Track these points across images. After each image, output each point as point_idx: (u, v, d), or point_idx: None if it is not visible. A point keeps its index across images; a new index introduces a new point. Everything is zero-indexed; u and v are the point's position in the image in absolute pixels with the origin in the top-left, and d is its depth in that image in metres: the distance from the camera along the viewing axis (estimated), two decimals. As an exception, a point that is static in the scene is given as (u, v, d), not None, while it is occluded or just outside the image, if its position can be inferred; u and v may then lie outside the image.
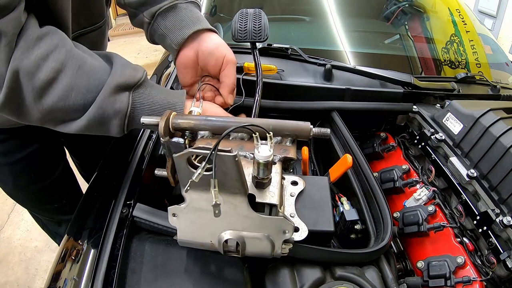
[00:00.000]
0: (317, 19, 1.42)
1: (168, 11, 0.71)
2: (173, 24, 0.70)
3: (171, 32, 0.70)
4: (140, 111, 0.60)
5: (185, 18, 0.70)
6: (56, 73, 0.53)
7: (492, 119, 0.83)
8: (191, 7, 0.73)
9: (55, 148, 1.02)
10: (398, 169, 0.96)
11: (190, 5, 0.73)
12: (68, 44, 0.57)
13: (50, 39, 0.55)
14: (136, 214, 0.63)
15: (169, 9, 0.71)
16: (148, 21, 0.73)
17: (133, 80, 0.59)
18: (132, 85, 0.59)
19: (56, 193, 1.04)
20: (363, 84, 1.05)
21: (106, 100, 0.56)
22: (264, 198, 0.52)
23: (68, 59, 0.55)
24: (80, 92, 0.55)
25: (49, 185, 1.00)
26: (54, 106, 0.55)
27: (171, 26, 0.70)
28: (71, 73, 0.55)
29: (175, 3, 0.71)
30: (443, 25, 1.45)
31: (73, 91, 0.55)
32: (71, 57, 0.55)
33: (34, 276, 1.79)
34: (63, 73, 0.54)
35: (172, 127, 0.59)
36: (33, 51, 0.52)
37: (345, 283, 0.56)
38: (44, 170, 0.98)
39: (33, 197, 1.02)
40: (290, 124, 0.60)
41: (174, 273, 0.58)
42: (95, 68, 0.57)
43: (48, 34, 0.55)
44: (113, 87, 0.56)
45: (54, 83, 0.54)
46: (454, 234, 0.78)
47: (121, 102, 0.57)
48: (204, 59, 0.70)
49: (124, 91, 0.58)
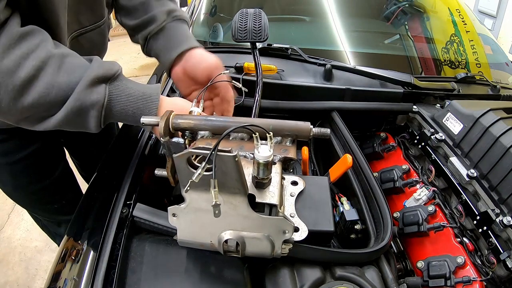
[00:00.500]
0: (317, 19, 1.42)
1: (158, 34, 0.79)
2: (163, 45, 0.78)
3: (162, 53, 0.79)
4: (117, 103, 0.61)
5: (173, 38, 0.78)
6: (37, 71, 0.54)
7: (492, 119, 0.83)
8: (178, 25, 0.80)
9: (54, 149, 1.03)
10: (398, 169, 0.96)
11: (176, 23, 0.80)
12: (50, 43, 0.58)
13: (32, 38, 0.56)
14: (136, 214, 0.63)
15: (158, 32, 0.79)
16: (142, 43, 0.82)
17: (110, 72, 0.61)
18: (108, 77, 0.60)
19: (56, 194, 1.04)
20: (363, 84, 1.05)
21: (83, 92, 0.57)
22: (264, 198, 0.52)
23: (49, 57, 0.56)
24: (61, 89, 0.56)
25: (49, 186, 1.00)
26: (34, 103, 0.55)
27: (161, 47, 0.78)
28: (51, 71, 0.55)
29: (163, 25, 0.79)
30: (443, 25, 1.45)
31: (54, 88, 0.55)
32: (52, 56, 0.56)
33: (34, 276, 1.79)
34: (44, 71, 0.55)
35: (172, 127, 0.59)
36: (14, 50, 0.53)
37: (345, 283, 0.56)
38: (44, 170, 0.98)
39: (32, 198, 1.02)
40: (290, 124, 0.60)
41: (174, 273, 0.58)
42: (75, 65, 0.59)
43: (30, 33, 0.56)
44: (91, 80, 0.57)
45: (35, 81, 0.54)
46: (454, 234, 0.78)
47: (98, 93, 0.58)
48: (191, 74, 0.76)
49: (101, 83, 0.59)
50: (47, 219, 1.14)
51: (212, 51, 1.16)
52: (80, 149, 1.18)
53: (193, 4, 1.55)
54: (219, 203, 0.43)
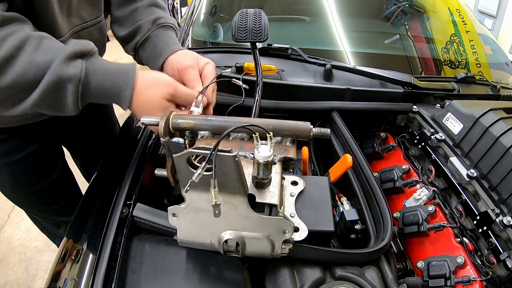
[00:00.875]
0: (317, 19, 1.42)
1: (144, 43, 0.81)
2: (150, 54, 0.81)
3: (150, 62, 0.81)
4: (94, 77, 0.61)
5: (157, 47, 0.79)
6: (16, 50, 0.55)
7: (492, 119, 0.83)
8: (162, 32, 0.81)
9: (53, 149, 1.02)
10: (398, 169, 0.96)
11: (160, 30, 0.81)
12: (29, 27, 0.59)
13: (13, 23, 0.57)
14: (136, 214, 0.63)
15: (144, 42, 0.81)
16: (133, 54, 0.86)
17: (87, 48, 0.62)
18: (85, 53, 0.61)
19: (55, 194, 1.04)
20: (363, 84, 1.05)
21: (61, 66, 0.57)
22: (264, 198, 0.52)
23: (28, 37, 0.57)
24: (39, 68, 0.57)
25: (48, 186, 1.00)
26: (12, 83, 0.56)
27: (149, 56, 0.81)
28: (30, 50, 0.56)
29: (148, 35, 0.80)
30: (443, 25, 1.45)
31: (32, 67, 0.56)
32: (31, 36, 0.57)
33: (34, 276, 1.79)
34: (22, 50, 0.56)
35: (172, 127, 0.59)
36: None
37: (345, 283, 0.56)
38: (43, 170, 0.98)
39: (32, 198, 1.02)
40: (290, 124, 0.60)
41: (174, 273, 0.58)
42: (54, 45, 0.60)
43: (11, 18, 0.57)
44: (67, 55, 0.58)
45: (14, 60, 0.55)
46: (454, 234, 0.78)
47: (75, 67, 0.59)
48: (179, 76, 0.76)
49: (78, 58, 0.60)
50: (46, 220, 1.14)
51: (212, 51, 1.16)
52: (80, 149, 1.18)
53: (193, 4, 1.55)
54: (219, 203, 0.43)
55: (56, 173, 1.00)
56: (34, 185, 0.97)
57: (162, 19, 0.82)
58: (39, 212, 1.11)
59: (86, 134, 1.12)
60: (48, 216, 1.11)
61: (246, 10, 0.86)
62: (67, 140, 1.10)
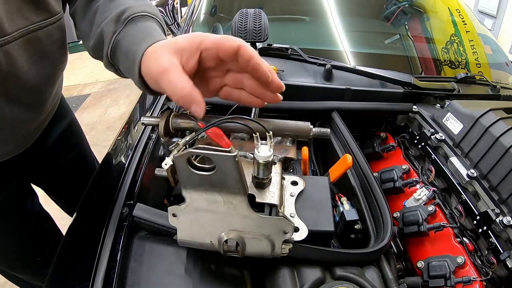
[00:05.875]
0: (317, 19, 1.42)
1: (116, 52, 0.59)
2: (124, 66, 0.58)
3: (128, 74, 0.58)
4: None
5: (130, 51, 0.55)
6: None
7: (492, 119, 0.83)
8: (131, 29, 0.59)
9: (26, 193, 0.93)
10: (398, 169, 0.96)
11: (129, 27, 0.59)
12: None
13: None
14: (136, 214, 0.63)
15: (114, 50, 0.59)
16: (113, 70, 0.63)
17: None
18: None
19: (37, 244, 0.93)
20: (363, 84, 1.05)
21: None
22: (264, 198, 0.52)
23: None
24: None
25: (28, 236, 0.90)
26: None
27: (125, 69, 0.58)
28: None
29: (115, 39, 0.58)
30: (443, 25, 1.45)
31: None
32: None
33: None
34: None
35: (172, 127, 0.59)
36: None
37: (345, 283, 0.56)
38: (20, 217, 0.89)
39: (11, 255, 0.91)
40: (290, 124, 0.60)
41: (174, 273, 0.58)
42: None
43: None
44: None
45: None
46: (454, 234, 0.78)
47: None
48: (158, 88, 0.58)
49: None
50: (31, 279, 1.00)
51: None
52: (55, 186, 1.08)
53: (193, 4, 1.55)
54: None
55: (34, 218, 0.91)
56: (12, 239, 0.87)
57: (128, 10, 0.59)
58: (22, 269, 0.98)
59: (59, 170, 1.02)
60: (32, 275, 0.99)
61: (246, 10, 0.86)
62: (38, 179, 1.00)
